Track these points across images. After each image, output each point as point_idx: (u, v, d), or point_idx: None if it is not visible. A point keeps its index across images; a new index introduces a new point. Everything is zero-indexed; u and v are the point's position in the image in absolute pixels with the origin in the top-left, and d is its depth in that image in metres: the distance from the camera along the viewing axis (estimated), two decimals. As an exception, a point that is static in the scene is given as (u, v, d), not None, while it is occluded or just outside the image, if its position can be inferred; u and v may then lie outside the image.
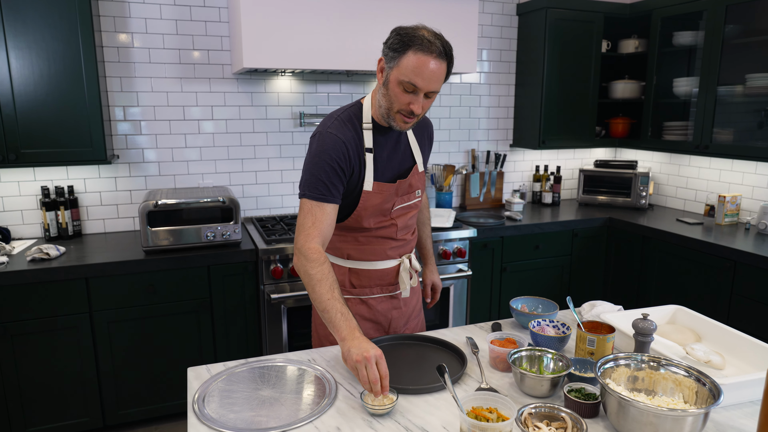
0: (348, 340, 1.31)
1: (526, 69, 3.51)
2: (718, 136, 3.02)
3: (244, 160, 3.09)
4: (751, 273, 2.54)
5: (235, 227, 2.59)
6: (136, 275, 2.40)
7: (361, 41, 2.67)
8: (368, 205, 1.55)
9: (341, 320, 1.34)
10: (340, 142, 1.46)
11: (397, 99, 1.42)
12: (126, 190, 2.89)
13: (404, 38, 1.37)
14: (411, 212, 1.68)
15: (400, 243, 1.67)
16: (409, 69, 1.37)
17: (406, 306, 1.74)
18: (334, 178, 1.46)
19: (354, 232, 1.61)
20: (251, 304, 2.62)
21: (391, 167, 1.59)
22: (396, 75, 1.39)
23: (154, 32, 2.80)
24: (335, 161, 1.45)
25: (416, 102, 1.41)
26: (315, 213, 1.45)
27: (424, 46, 1.36)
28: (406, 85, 1.39)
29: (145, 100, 2.84)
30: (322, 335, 1.71)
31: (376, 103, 1.52)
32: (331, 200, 1.47)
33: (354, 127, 1.51)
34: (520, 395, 1.31)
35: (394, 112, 1.45)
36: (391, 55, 1.40)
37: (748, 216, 3.13)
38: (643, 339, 1.33)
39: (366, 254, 1.62)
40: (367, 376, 1.22)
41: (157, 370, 2.52)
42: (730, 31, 2.93)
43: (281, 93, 3.08)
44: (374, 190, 1.54)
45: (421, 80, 1.38)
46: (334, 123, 1.50)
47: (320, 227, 1.45)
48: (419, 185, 1.68)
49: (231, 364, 1.46)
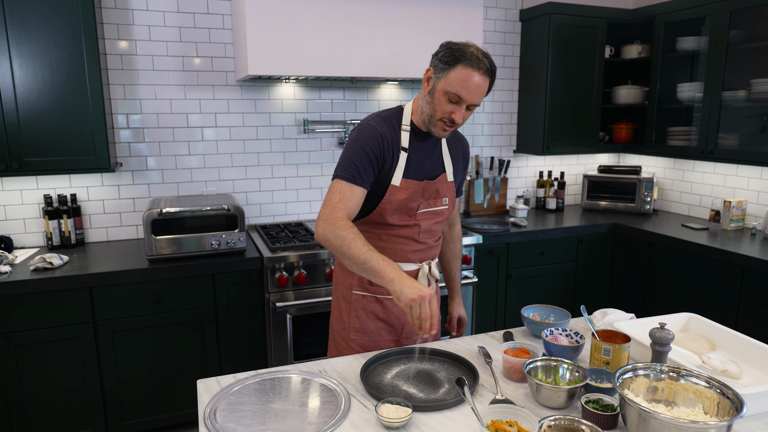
0: (397, 280, 1.36)
1: (530, 75, 3.51)
2: (723, 141, 3.01)
3: (247, 167, 3.07)
4: (760, 279, 2.52)
5: (239, 235, 2.57)
6: (140, 284, 2.38)
7: (366, 48, 2.66)
8: (393, 199, 1.59)
9: (385, 265, 1.39)
10: (377, 133, 1.55)
11: (441, 107, 1.52)
12: (129, 198, 2.87)
13: (455, 52, 1.47)
14: (436, 218, 1.69)
15: (422, 246, 1.68)
16: (457, 81, 1.47)
17: None
18: (367, 164, 1.53)
19: (377, 228, 1.63)
20: (256, 313, 2.60)
21: (422, 170, 1.64)
22: (443, 85, 1.49)
23: (157, 39, 2.78)
24: (370, 148, 1.54)
25: (458, 112, 1.51)
26: (344, 191, 1.51)
27: (473, 62, 1.46)
28: (452, 96, 1.49)
29: (148, 107, 2.83)
30: (340, 345, 1.70)
31: (418, 109, 1.61)
32: (361, 183, 1.53)
33: (392, 125, 1.60)
34: (536, 406, 1.29)
35: (436, 119, 1.54)
36: (441, 67, 1.49)
37: (754, 221, 3.12)
38: (661, 348, 1.31)
39: (387, 253, 1.62)
40: (421, 314, 1.31)
41: (162, 380, 2.50)
42: (735, 36, 2.93)
43: (285, 100, 3.07)
44: (401, 185, 1.59)
45: (466, 92, 1.47)
46: (375, 118, 1.61)
47: (347, 204, 1.50)
48: (447, 194, 1.70)
49: (241, 376, 1.43)
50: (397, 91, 3.30)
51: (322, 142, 3.20)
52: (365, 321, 1.68)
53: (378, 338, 1.68)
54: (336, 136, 3.21)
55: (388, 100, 3.28)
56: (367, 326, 1.68)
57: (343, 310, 1.71)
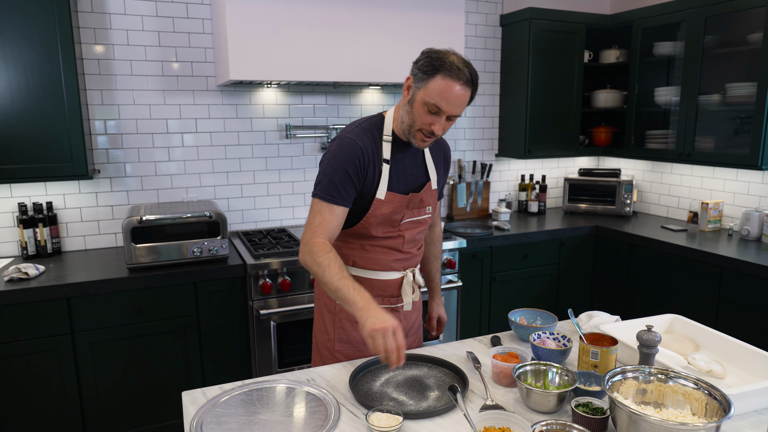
0: (365, 309, 1.35)
1: (511, 79, 3.54)
2: (699, 144, 3.07)
3: (229, 173, 3.03)
4: (738, 279, 2.57)
5: (222, 242, 2.53)
6: (120, 294, 2.33)
7: (349, 53, 2.65)
8: (378, 213, 1.56)
9: (355, 294, 1.39)
10: (357, 148, 1.51)
11: (420, 118, 1.48)
12: (107, 205, 2.81)
13: (435, 62, 1.42)
14: (419, 227, 1.68)
15: (405, 256, 1.66)
16: (436, 92, 1.42)
17: (406, 320, 1.72)
18: (347, 182, 1.50)
19: (361, 240, 1.61)
20: (239, 321, 2.56)
21: (406, 181, 1.61)
22: (422, 96, 1.45)
23: (135, 44, 2.74)
24: (350, 165, 1.50)
25: (438, 123, 1.47)
26: (324, 213, 1.50)
27: (453, 72, 1.41)
28: (431, 107, 1.44)
29: (126, 113, 2.78)
30: (325, 356, 1.68)
31: (398, 118, 1.57)
32: (341, 203, 1.50)
33: (374, 136, 1.56)
34: (527, 411, 1.29)
35: (415, 130, 1.51)
36: (420, 76, 1.45)
37: (731, 222, 3.18)
38: (648, 351, 1.32)
39: (370, 263, 1.62)
40: (384, 346, 1.28)
41: (144, 391, 2.44)
42: (710, 41, 2.99)
43: (266, 105, 3.04)
44: (386, 199, 1.56)
45: (446, 104, 1.43)
46: (355, 130, 1.55)
47: (327, 227, 1.50)
48: (430, 202, 1.68)
49: (227, 386, 1.41)
50: (380, 95, 3.29)
51: (304, 147, 3.17)
52: (350, 331, 1.65)
53: (364, 348, 1.66)
54: (318, 141, 3.19)
55: (370, 105, 3.28)
56: (353, 336, 1.66)
57: (327, 320, 1.69)
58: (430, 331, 1.94)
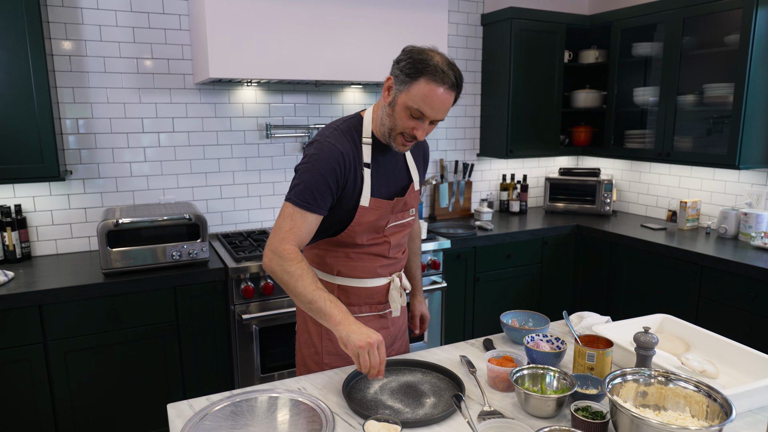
0: (344, 324, 1.31)
1: (492, 78, 3.53)
2: (678, 144, 3.11)
3: (207, 173, 2.95)
4: (717, 276, 2.61)
5: (202, 245, 2.45)
6: (96, 300, 2.23)
7: (331, 51, 2.60)
8: (363, 221, 1.50)
9: (331, 307, 1.33)
10: (337, 152, 1.43)
11: (402, 122, 1.41)
12: (80, 207, 2.70)
13: (418, 64, 1.34)
14: (404, 231, 1.64)
15: (391, 261, 1.62)
16: (419, 97, 1.35)
17: (393, 326, 1.69)
18: (324, 189, 1.42)
19: (345, 248, 1.55)
20: (221, 326, 2.49)
21: (388, 184, 1.55)
22: (404, 99, 1.38)
23: (109, 40, 2.63)
24: (329, 172, 1.41)
25: (421, 128, 1.41)
26: (295, 219, 1.41)
27: (437, 76, 1.34)
28: (414, 112, 1.38)
29: (100, 111, 2.67)
30: (313, 369, 1.62)
31: (377, 119, 1.49)
32: (316, 210, 1.43)
33: (353, 139, 1.48)
34: (525, 416, 1.27)
35: (396, 133, 1.44)
36: (403, 79, 1.37)
37: (708, 221, 3.24)
38: (645, 353, 1.31)
39: (356, 271, 1.56)
40: (369, 362, 1.26)
41: (121, 401, 2.35)
42: (687, 42, 3.04)
43: (246, 104, 2.97)
44: (371, 206, 1.50)
45: (430, 109, 1.37)
46: (333, 133, 1.46)
47: (298, 233, 1.41)
48: (414, 204, 1.64)
49: (215, 397, 1.35)
50: (361, 95, 3.25)
51: (285, 147, 3.11)
52: (337, 343, 1.60)
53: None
54: (299, 141, 3.13)
55: (352, 104, 3.23)
56: (340, 348, 1.60)
57: (313, 333, 1.61)
58: (414, 329, 1.90)
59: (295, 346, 1.72)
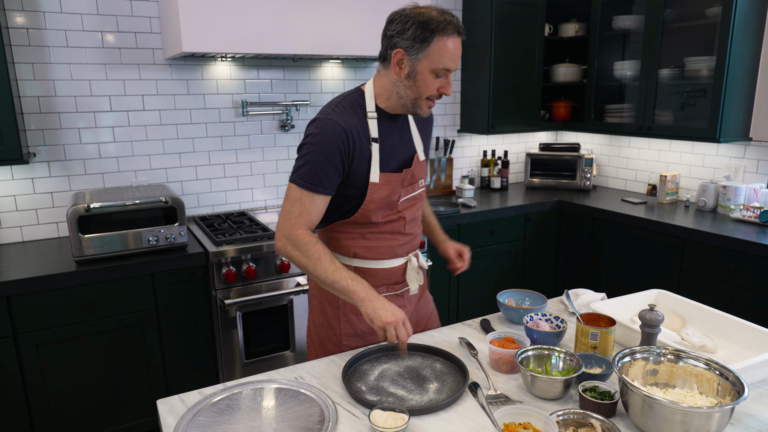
0: (368, 300, 1.34)
1: (473, 53, 3.46)
2: (659, 118, 3.11)
3: (182, 154, 2.82)
4: (698, 249, 2.64)
5: (180, 229, 2.34)
6: (68, 290, 2.11)
7: (310, 23, 2.48)
8: (375, 198, 1.47)
9: (354, 285, 1.36)
10: (340, 130, 1.39)
11: (428, 87, 1.40)
12: (46, 192, 2.55)
13: (426, 25, 1.34)
14: (417, 203, 1.60)
15: (407, 238, 1.59)
16: (441, 55, 1.36)
17: (410, 304, 1.66)
18: (330, 169, 1.39)
19: (361, 228, 1.51)
20: (202, 313, 2.40)
21: (396, 157, 1.52)
22: (427, 64, 1.37)
23: (70, 11, 2.46)
24: (333, 151, 1.38)
25: (447, 84, 1.42)
26: (304, 202, 1.40)
27: (447, 28, 1.35)
28: (439, 71, 1.38)
29: (63, 89, 2.50)
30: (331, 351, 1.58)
31: (384, 93, 1.46)
32: (323, 191, 1.41)
33: (357, 114, 1.45)
34: (531, 398, 1.24)
35: (422, 100, 1.43)
36: (418, 47, 1.36)
37: (687, 194, 3.27)
38: (651, 330, 1.29)
39: (373, 252, 1.54)
40: (396, 337, 1.32)
41: (99, 393, 2.25)
42: (669, 15, 3.01)
43: (220, 80, 2.83)
44: (381, 181, 1.47)
45: (453, 62, 1.39)
46: (336, 109, 1.42)
47: (308, 217, 1.41)
48: (422, 175, 1.60)
49: (208, 390, 1.28)
50: (340, 69, 3.14)
51: (262, 125, 2.99)
52: (357, 324, 1.56)
53: (371, 338, 1.58)
54: (277, 119, 3.02)
55: (330, 80, 3.12)
56: (359, 329, 1.57)
57: (330, 316, 1.58)
58: (456, 266, 1.77)
59: (307, 329, 1.69)
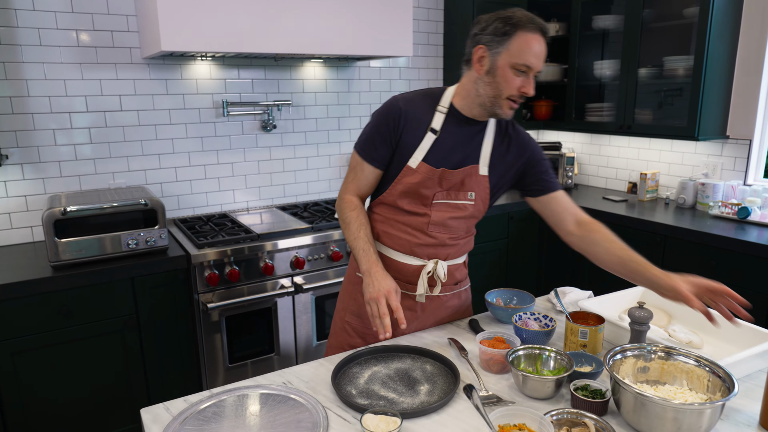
0: (366, 274, 1.39)
1: (456, 52, 3.46)
2: (639, 117, 3.15)
3: (161, 155, 2.76)
4: (680, 246, 2.68)
5: (160, 232, 2.29)
6: (45, 296, 2.05)
7: (292, 22, 2.45)
8: (404, 181, 1.50)
9: (362, 255, 1.44)
10: (396, 108, 1.47)
11: (508, 84, 1.40)
12: (20, 195, 2.47)
13: (509, 20, 1.36)
14: (454, 213, 1.53)
15: (431, 241, 1.54)
16: (522, 50, 1.36)
17: (423, 312, 1.61)
18: (379, 141, 1.49)
19: (389, 212, 1.56)
20: (184, 317, 2.35)
21: (450, 158, 1.50)
22: (507, 59, 1.38)
23: (43, 9, 2.38)
24: (383, 124, 1.48)
25: (528, 84, 1.40)
26: (356, 171, 1.54)
27: (530, 25, 1.36)
28: (520, 67, 1.37)
29: (37, 89, 2.43)
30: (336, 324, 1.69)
31: (464, 93, 1.48)
32: (372, 162, 1.51)
33: (426, 104, 1.50)
34: (523, 398, 1.23)
35: (502, 99, 1.42)
36: (498, 40, 1.37)
37: (667, 191, 3.32)
38: (640, 328, 1.30)
39: (392, 241, 1.55)
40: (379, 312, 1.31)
41: (78, 403, 2.19)
42: (648, 15, 3.05)
43: (200, 80, 2.78)
44: (417, 168, 1.48)
45: (535, 59, 1.37)
46: (407, 94, 1.52)
47: (357, 184, 1.55)
48: (475, 188, 1.52)
49: (193, 398, 1.24)
50: (322, 69, 3.11)
51: (243, 125, 2.95)
52: (362, 305, 1.59)
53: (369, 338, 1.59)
54: (258, 119, 2.98)
55: (312, 79, 3.09)
56: (362, 311, 1.59)
57: (346, 291, 1.67)
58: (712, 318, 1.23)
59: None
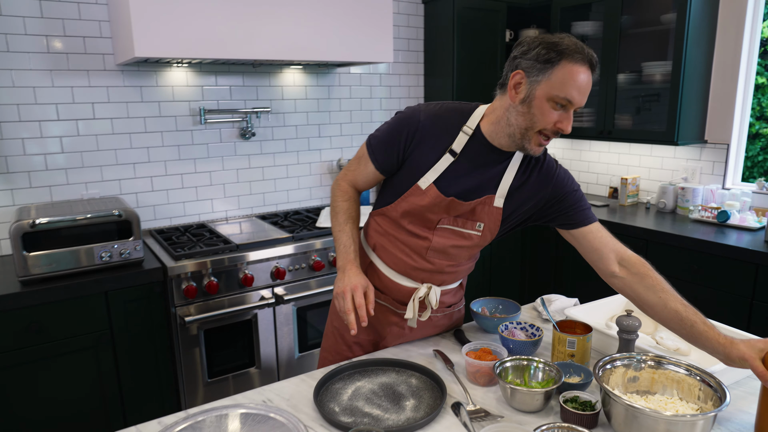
0: (339, 270, 1.38)
1: (435, 58, 3.45)
2: (619, 122, 3.17)
3: (136, 164, 2.68)
4: (661, 250, 2.68)
5: (135, 244, 2.22)
6: (12, 312, 1.96)
7: (271, 28, 2.40)
8: (411, 200, 1.39)
9: (342, 251, 1.41)
10: (415, 119, 1.37)
11: (544, 117, 1.24)
12: (-13, 207, 2.38)
13: (554, 47, 1.20)
14: (458, 241, 1.42)
15: (428, 266, 1.45)
16: (563, 82, 1.20)
17: (410, 331, 1.56)
18: (387, 146, 1.41)
19: (390, 226, 1.46)
20: (161, 332, 2.27)
21: (463, 186, 1.36)
22: (546, 90, 1.21)
23: (10, 14, 2.30)
24: (395, 131, 1.39)
25: (566, 120, 1.24)
26: (360, 163, 1.48)
27: (578, 55, 1.20)
28: (560, 100, 1.21)
29: (5, 97, 2.34)
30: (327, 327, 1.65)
31: (495, 119, 1.33)
32: (375, 163, 1.44)
33: (450, 121, 1.37)
34: (512, 412, 1.20)
35: (533, 132, 1.26)
36: (539, 67, 1.21)
37: (648, 196, 3.34)
38: (628, 336, 1.28)
39: (388, 258, 1.48)
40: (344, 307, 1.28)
41: (49, 423, 2.09)
42: (626, 21, 3.08)
43: (176, 87, 2.71)
44: (425, 190, 1.36)
45: (578, 93, 1.21)
46: (433, 105, 1.40)
47: (355, 175, 1.50)
48: (485, 219, 1.40)
49: (168, 419, 1.18)
50: (302, 76, 3.07)
51: (221, 133, 2.89)
52: None
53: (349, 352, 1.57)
54: (237, 126, 2.92)
55: (291, 86, 3.04)
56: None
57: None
58: None
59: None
